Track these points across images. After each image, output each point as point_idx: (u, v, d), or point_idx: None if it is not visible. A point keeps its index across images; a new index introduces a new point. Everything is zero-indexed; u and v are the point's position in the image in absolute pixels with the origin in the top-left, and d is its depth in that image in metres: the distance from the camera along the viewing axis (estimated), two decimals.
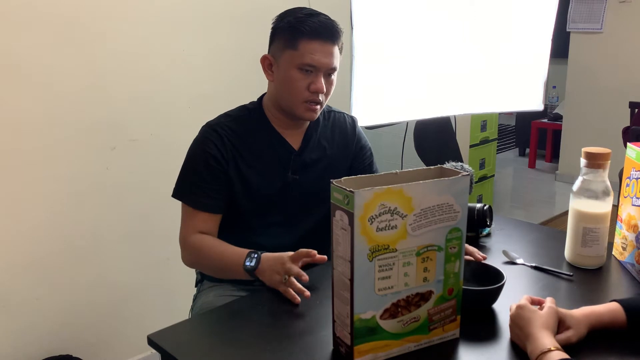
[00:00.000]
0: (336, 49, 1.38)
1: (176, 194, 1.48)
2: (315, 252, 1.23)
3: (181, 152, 1.50)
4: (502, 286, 1.14)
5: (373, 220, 0.92)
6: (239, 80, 2.32)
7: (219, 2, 2.25)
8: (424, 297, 1.00)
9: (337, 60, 1.39)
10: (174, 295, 2.23)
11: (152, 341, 1.07)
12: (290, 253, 1.25)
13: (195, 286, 1.60)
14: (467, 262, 1.24)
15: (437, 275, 1.00)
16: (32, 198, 1.87)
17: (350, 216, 0.90)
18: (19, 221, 1.86)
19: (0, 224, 1.82)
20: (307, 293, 1.19)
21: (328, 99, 1.44)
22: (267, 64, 1.43)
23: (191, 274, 1.63)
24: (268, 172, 1.44)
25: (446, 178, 1.00)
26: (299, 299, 1.19)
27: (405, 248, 0.96)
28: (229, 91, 2.30)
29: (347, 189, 0.90)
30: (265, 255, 1.28)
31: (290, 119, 1.44)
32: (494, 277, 1.16)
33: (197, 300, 1.52)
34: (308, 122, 1.48)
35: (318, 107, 1.40)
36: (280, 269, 1.23)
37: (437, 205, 0.98)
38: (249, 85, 2.38)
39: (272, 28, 1.42)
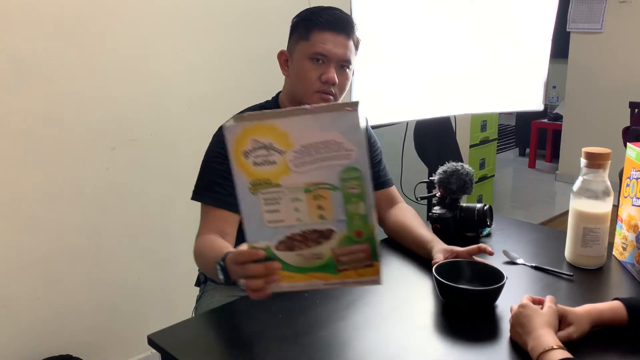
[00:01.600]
0: (350, 43, 1.39)
1: (196, 195, 1.42)
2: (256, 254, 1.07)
3: (181, 152, 1.50)
4: (502, 286, 1.14)
5: (248, 155, 0.93)
6: (239, 80, 2.32)
7: (219, 2, 2.25)
8: (323, 234, 0.99)
9: (352, 54, 1.40)
10: (174, 295, 2.23)
11: (152, 341, 1.07)
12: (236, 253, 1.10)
13: (197, 285, 1.60)
14: (469, 262, 1.24)
15: (337, 214, 0.98)
16: (32, 198, 1.87)
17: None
18: (19, 221, 1.86)
19: (0, 224, 1.82)
20: (275, 266, 1.01)
21: (343, 94, 1.43)
22: (284, 59, 1.45)
23: (191, 274, 1.63)
24: None
25: (327, 113, 0.93)
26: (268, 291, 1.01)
27: (291, 184, 0.96)
28: (228, 91, 2.30)
29: (226, 123, 0.92)
30: (228, 261, 1.12)
31: None
32: (494, 277, 1.16)
33: (201, 301, 1.51)
34: None
35: (331, 98, 1.40)
36: (236, 277, 1.09)
37: (322, 142, 0.94)
38: (249, 85, 2.38)
39: (291, 26, 1.45)
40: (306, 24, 1.38)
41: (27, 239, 1.88)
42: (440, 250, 1.30)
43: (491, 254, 1.30)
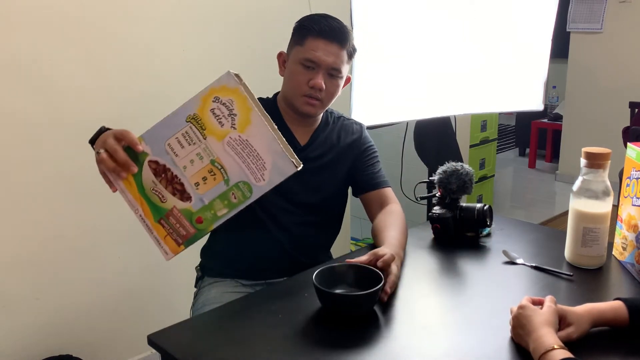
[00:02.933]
0: (342, 52, 1.44)
1: None
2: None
3: None
4: (375, 292, 1.11)
5: (216, 101, 1.13)
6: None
7: (219, 2, 2.25)
8: (182, 193, 1.14)
9: (342, 63, 1.45)
10: (174, 295, 2.23)
11: (152, 341, 1.07)
12: (121, 129, 1.17)
13: (195, 285, 1.61)
14: (356, 266, 1.22)
15: (205, 195, 1.14)
16: (32, 197, 1.87)
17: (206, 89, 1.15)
18: (19, 221, 1.86)
19: (0, 224, 1.82)
20: (132, 169, 1.14)
21: (331, 100, 1.49)
22: (282, 60, 1.52)
23: (191, 274, 1.63)
24: None
25: (281, 147, 1.12)
26: (114, 185, 1.16)
27: (211, 147, 1.13)
28: None
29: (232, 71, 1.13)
30: (110, 130, 1.20)
31: (297, 115, 1.49)
32: (376, 282, 1.13)
33: (198, 298, 1.52)
34: (318, 122, 1.55)
35: (317, 102, 1.45)
36: (97, 147, 1.16)
37: (258, 154, 1.13)
38: (248, 84, 2.37)
39: (292, 29, 1.50)
40: (303, 30, 1.44)
41: (27, 239, 1.88)
42: (366, 253, 1.26)
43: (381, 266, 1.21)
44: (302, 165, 1.15)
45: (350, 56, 1.48)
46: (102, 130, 1.18)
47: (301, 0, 2.47)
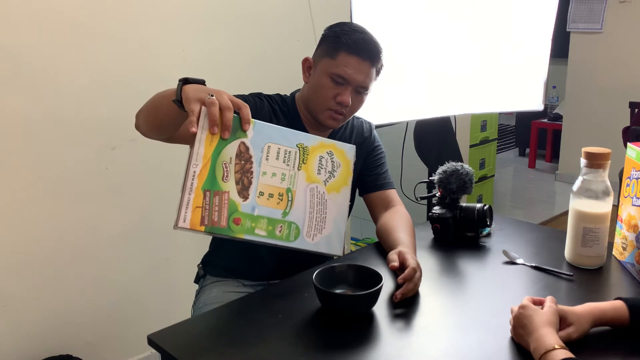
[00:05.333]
0: (373, 71, 1.43)
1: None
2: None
3: (181, 152, 1.50)
4: (376, 292, 1.12)
5: (330, 154, 1.24)
6: (239, 80, 2.32)
7: (219, 2, 2.25)
8: (243, 188, 1.11)
9: (371, 80, 1.44)
10: (174, 295, 2.23)
11: (152, 341, 1.07)
12: (239, 100, 1.15)
13: (196, 281, 1.61)
14: (356, 267, 1.23)
15: (259, 208, 1.13)
16: (32, 198, 1.87)
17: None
18: (19, 221, 1.86)
19: (0, 224, 1.82)
20: (226, 133, 1.09)
21: (353, 114, 1.49)
22: (307, 66, 1.48)
23: (191, 274, 1.63)
24: None
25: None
26: (197, 128, 1.06)
27: (298, 178, 1.18)
28: (228, 91, 2.30)
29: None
30: (200, 85, 1.19)
31: (317, 123, 1.49)
32: (376, 282, 1.13)
33: (199, 296, 1.53)
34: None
35: (341, 117, 1.44)
36: (208, 91, 1.12)
37: (326, 216, 1.22)
38: (248, 85, 2.37)
39: (322, 35, 1.47)
40: (335, 42, 1.40)
41: (27, 239, 1.88)
42: (394, 252, 1.27)
43: (394, 268, 1.22)
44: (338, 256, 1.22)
45: (378, 73, 1.46)
46: (190, 80, 1.15)
47: (301, 1, 2.47)
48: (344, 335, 1.08)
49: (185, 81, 1.15)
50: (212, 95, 1.09)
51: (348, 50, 1.38)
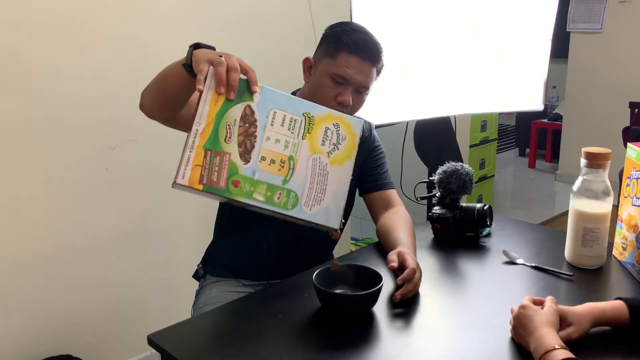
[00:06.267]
0: (373, 71, 1.42)
1: None
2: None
3: (180, 152, 1.50)
4: (376, 292, 1.12)
5: (337, 126, 1.21)
6: None
7: (219, 2, 2.25)
8: (245, 151, 1.11)
9: (372, 80, 1.43)
10: (174, 295, 2.23)
11: (152, 341, 1.07)
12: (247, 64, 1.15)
13: (194, 276, 1.60)
14: (356, 266, 1.23)
15: (259, 172, 1.12)
16: (32, 198, 1.87)
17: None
18: (19, 221, 1.86)
19: (0, 224, 1.82)
20: (232, 94, 1.09)
21: (354, 114, 1.47)
22: (308, 66, 1.48)
23: (191, 274, 1.63)
24: None
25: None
26: (203, 86, 1.06)
27: (301, 148, 1.16)
28: None
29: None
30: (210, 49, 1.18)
31: None
32: (376, 282, 1.13)
33: (199, 296, 1.53)
34: None
35: None
36: (218, 53, 1.12)
37: (326, 188, 1.19)
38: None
39: (322, 35, 1.47)
40: (336, 42, 1.40)
41: (27, 239, 1.88)
42: (394, 252, 1.27)
43: (393, 268, 1.22)
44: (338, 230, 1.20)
45: (379, 73, 1.46)
46: (201, 45, 1.15)
47: (301, 1, 2.47)
48: (344, 335, 1.08)
49: (195, 46, 1.15)
50: (220, 56, 1.10)
51: (349, 51, 1.38)
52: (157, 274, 2.21)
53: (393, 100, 2.23)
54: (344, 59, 1.38)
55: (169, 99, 1.26)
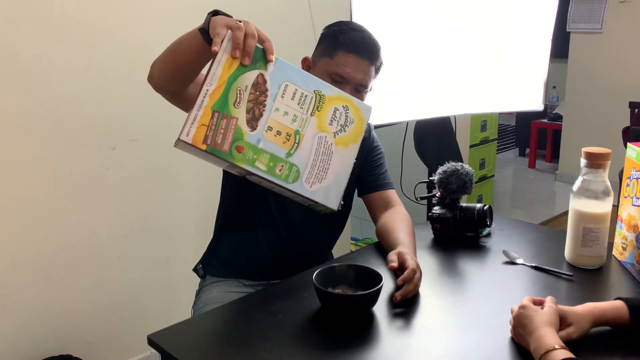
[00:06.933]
0: (372, 69, 1.42)
1: None
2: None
3: (180, 152, 1.50)
4: (376, 292, 1.12)
5: (346, 109, 1.20)
6: None
7: (219, 2, 2.25)
8: (253, 118, 1.11)
9: (371, 79, 1.43)
10: (174, 295, 2.23)
11: (152, 341, 1.07)
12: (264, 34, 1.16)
13: (194, 269, 1.60)
14: (356, 266, 1.23)
15: (264, 142, 1.11)
16: (32, 198, 1.87)
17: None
18: (19, 221, 1.86)
19: (0, 224, 1.82)
20: (246, 59, 1.09)
21: None
22: (307, 65, 1.48)
23: (191, 274, 1.63)
24: None
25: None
26: (219, 48, 1.07)
27: (309, 124, 1.16)
28: None
29: None
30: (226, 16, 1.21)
31: None
32: (376, 282, 1.13)
33: (199, 296, 1.53)
34: None
35: None
36: (236, 19, 1.13)
37: (328, 167, 1.18)
38: None
39: (320, 35, 1.46)
40: (333, 41, 1.40)
41: (27, 239, 1.88)
42: (394, 252, 1.27)
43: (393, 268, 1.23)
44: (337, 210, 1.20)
45: (378, 71, 1.46)
46: (220, 12, 1.17)
47: (301, 1, 2.47)
48: (344, 335, 1.08)
49: (214, 14, 1.16)
50: (239, 21, 1.10)
51: (346, 49, 1.38)
52: (157, 274, 2.21)
53: (393, 100, 2.23)
54: (342, 57, 1.38)
55: (180, 68, 1.26)
